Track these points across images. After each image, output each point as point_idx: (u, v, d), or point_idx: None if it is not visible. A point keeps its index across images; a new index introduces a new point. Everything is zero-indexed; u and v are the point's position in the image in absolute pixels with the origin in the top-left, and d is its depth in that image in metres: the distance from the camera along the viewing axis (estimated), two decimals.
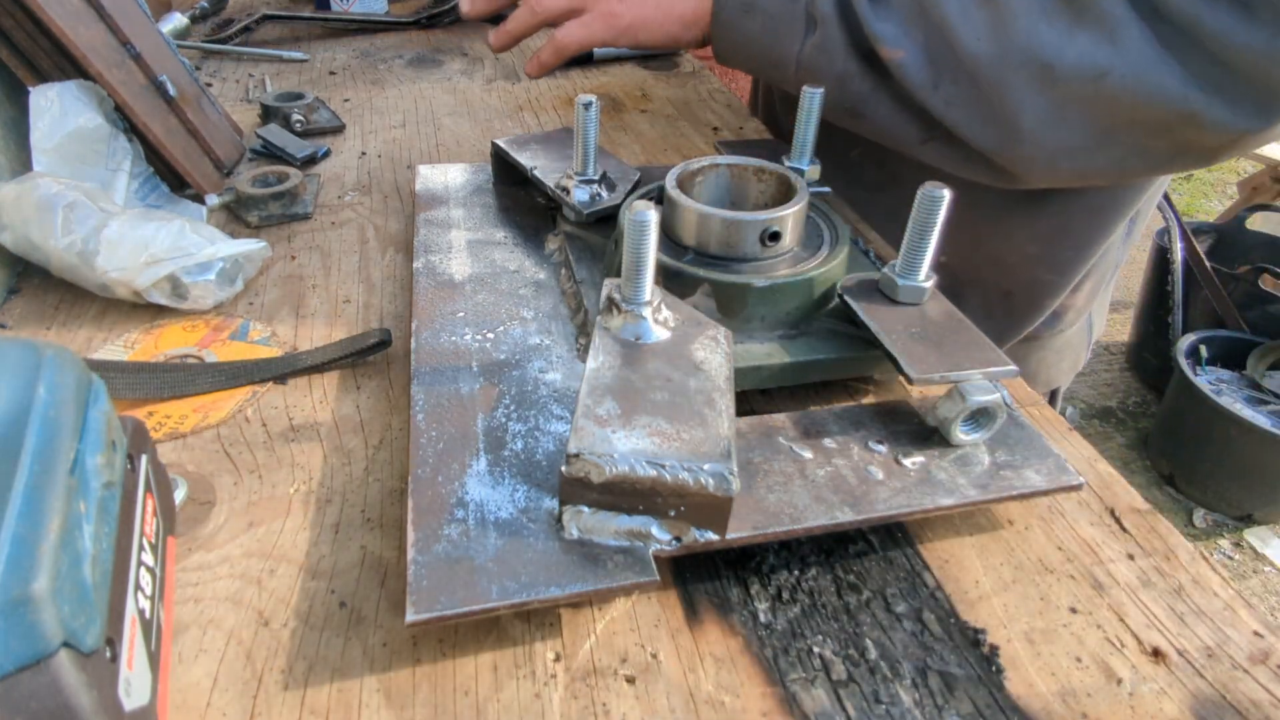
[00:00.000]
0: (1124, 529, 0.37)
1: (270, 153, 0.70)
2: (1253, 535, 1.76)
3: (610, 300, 0.38)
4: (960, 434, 0.38)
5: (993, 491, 0.36)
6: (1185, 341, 1.85)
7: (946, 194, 0.39)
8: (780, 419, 0.39)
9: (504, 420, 0.38)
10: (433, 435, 0.37)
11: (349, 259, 0.56)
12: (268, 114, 0.75)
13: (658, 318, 0.38)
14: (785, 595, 0.34)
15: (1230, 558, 1.72)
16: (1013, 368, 0.38)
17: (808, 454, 0.37)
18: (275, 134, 0.71)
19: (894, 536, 0.37)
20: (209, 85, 0.86)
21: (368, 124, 0.78)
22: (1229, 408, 1.66)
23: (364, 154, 0.72)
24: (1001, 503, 0.36)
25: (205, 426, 0.41)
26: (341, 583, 0.33)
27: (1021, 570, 0.35)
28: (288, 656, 0.31)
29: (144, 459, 0.31)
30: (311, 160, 0.69)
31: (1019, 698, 0.30)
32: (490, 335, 0.44)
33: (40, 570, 0.21)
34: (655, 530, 0.32)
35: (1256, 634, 0.33)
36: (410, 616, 0.29)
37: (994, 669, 0.31)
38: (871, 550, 0.36)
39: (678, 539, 0.32)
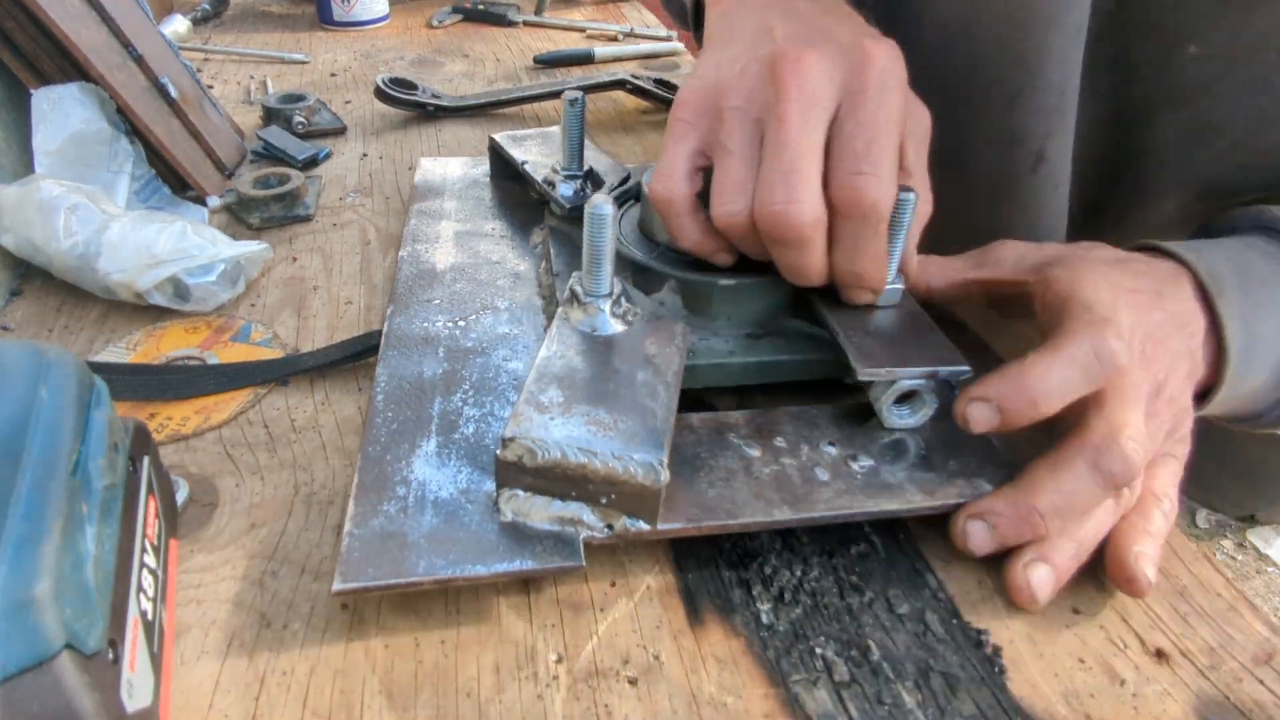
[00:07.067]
0: None
1: (271, 154, 0.70)
2: (1256, 536, 1.76)
3: (571, 292, 0.39)
4: (892, 416, 0.38)
5: (940, 498, 0.35)
6: None
7: (913, 196, 0.38)
8: (735, 417, 0.39)
9: (460, 405, 0.39)
10: (389, 416, 0.38)
11: (350, 260, 0.56)
12: (269, 116, 0.75)
13: (616, 311, 0.38)
14: (787, 596, 0.34)
15: (1233, 558, 1.72)
16: (965, 368, 0.38)
17: (755, 452, 0.37)
18: (276, 136, 0.71)
19: (896, 537, 0.36)
20: (210, 87, 0.86)
21: (369, 125, 0.78)
22: None
23: (365, 155, 0.72)
24: (949, 511, 0.35)
25: (207, 428, 0.41)
26: None
27: None
28: (290, 658, 0.31)
29: (146, 461, 0.31)
30: (313, 162, 0.69)
31: (1022, 698, 0.30)
32: (462, 323, 0.45)
33: (43, 572, 0.21)
34: (587, 516, 0.32)
35: (1260, 635, 0.33)
36: (336, 586, 0.30)
37: (997, 670, 0.31)
38: (874, 551, 0.36)
39: (609, 526, 0.33)
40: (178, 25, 1.00)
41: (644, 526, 0.32)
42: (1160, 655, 0.32)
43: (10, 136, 0.55)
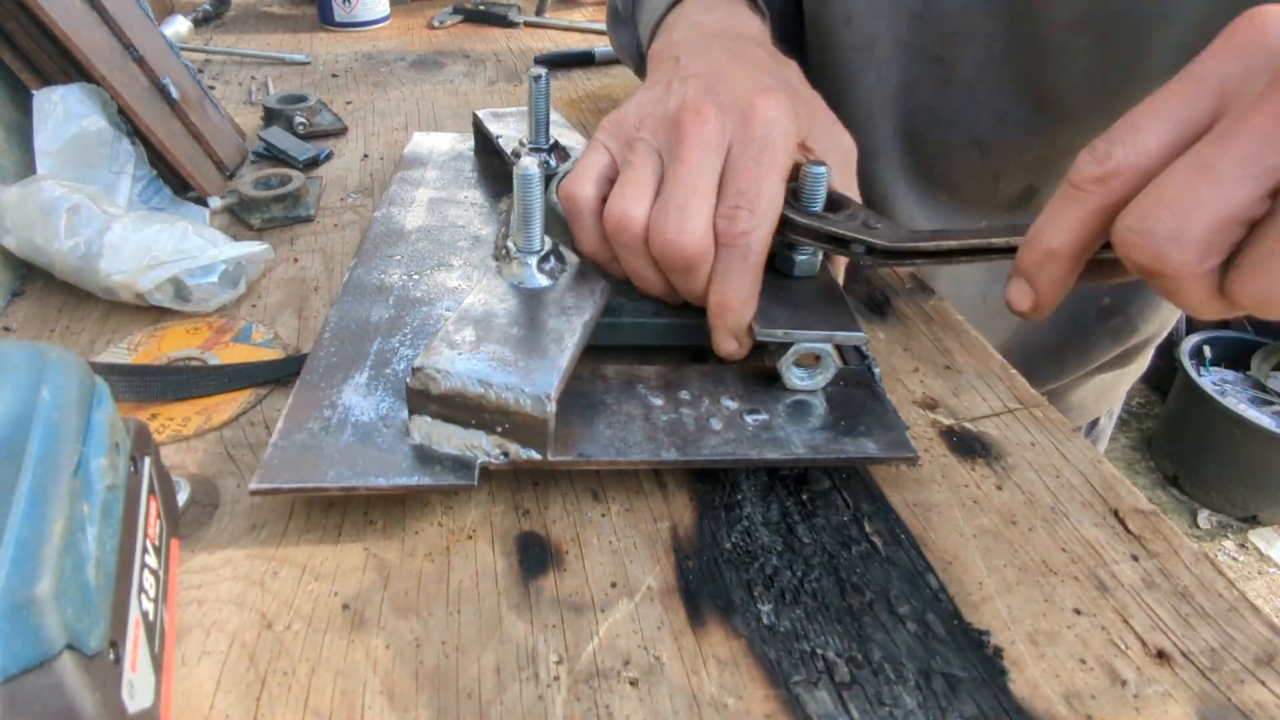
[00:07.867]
0: (1128, 530, 0.37)
1: (272, 155, 0.70)
2: (1257, 536, 1.75)
3: (505, 248, 0.41)
4: (793, 378, 0.40)
5: (823, 453, 0.37)
6: (1189, 342, 1.85)
7: (825, 170, 0.40)
8: (648, 371, 0.41)
9: (397, 345, 0.43)
10: (331, 351, 0.42)
11: (351, 261, 0.56)
12: (270, 116, 0.75)
13: (543, 267, 0.41)
14: (788, 597, 0.34)
15: (1235, 559, 1.72)
16: (861, 335, 0.40)
17: (659, 401, 0.39)
18: (277, 136, 0.71)
19: (897, 538, 0.36)
20: (211, 88, 0.86)
21: (370, 126, 0.78)
22: (1233, 408, 1.66)
23: (366, 156, 0.72)
24: (830, 464, 0.38)
25: (208, 429, 0.41)
26: (344, 584, 0.33)
27: (1025, 572, 0.35)
28: (290, 658, 0.31)
29: (147, 461, 0.31)
30: (314, 162, 0.69)
31: (1023, 700, 0.30)
32: (416, 277, 0.49)
33: (44, 572, 0.21)
34: (484, 443, 0.35)
35: (1262, 636, 0.33)
36: (253, 485, 0.33)
37: (998, 671, 0.31)
38: (875, 552, 0.36)
39: (505, 454, 0.35)
40: (179, 26, 1.00)
41: (535, 455, 0.35)
42: (1162, 656, 0.32)
43: (12, 137, 0.55)
